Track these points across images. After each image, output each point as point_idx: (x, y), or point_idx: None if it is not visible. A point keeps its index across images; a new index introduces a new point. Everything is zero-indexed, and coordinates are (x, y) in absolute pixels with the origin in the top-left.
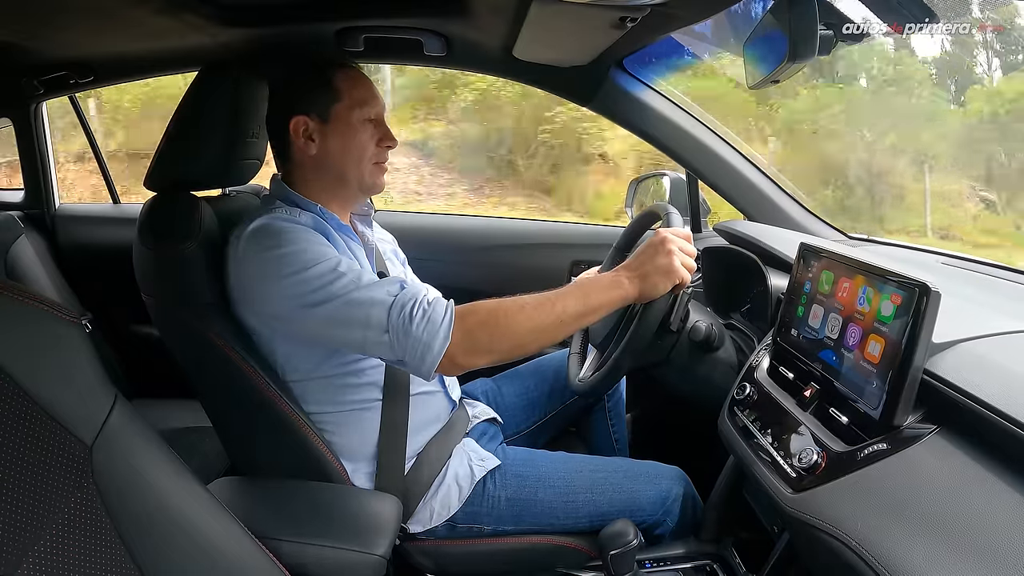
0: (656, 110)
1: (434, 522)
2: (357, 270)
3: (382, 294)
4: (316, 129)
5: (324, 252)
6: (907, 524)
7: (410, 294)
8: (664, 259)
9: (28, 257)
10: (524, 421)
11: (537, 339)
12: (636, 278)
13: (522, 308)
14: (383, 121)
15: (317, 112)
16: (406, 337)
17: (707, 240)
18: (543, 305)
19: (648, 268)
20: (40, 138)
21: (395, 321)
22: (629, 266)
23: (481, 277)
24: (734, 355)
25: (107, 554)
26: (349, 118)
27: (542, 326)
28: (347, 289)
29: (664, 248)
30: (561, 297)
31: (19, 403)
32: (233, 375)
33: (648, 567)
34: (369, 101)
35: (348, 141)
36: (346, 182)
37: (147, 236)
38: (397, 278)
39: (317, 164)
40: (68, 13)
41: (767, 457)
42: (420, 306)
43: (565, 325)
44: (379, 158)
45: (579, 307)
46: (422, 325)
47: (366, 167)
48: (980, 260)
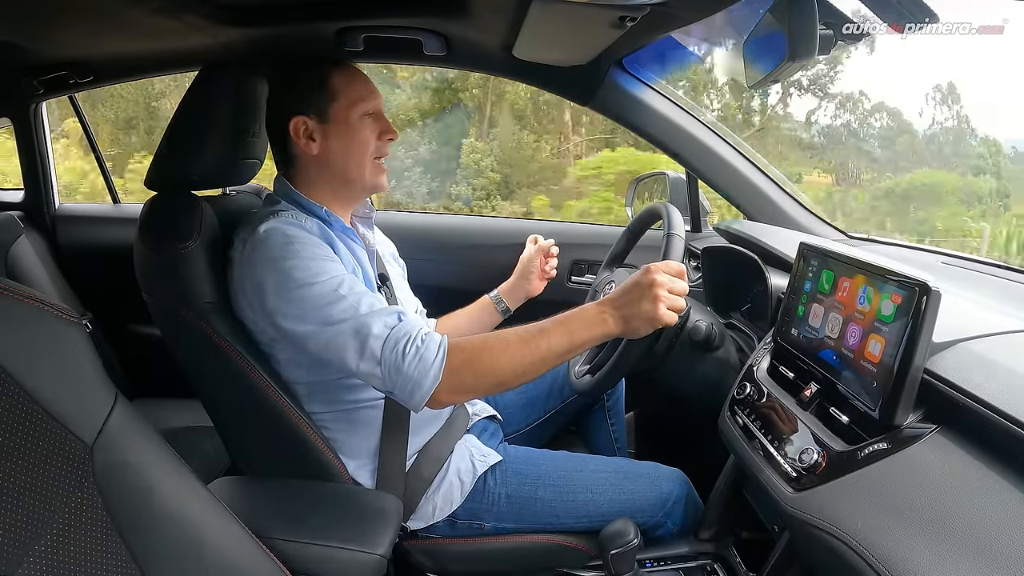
0: (656, 110)
1: (436, 518)
2: (358, 292)
3: (379, 326)
4: (316, 129)
5: (328, 269)
6: (908, 523)
7: (405, 329)
8: (648, 305)
9: (28, 257)
10: (524, 419)
11: (520, 378)
12: (620, 319)
13: (507, 347)
14: (382, 114)
15: (316, 112)
16: (397, 373)
17: (707, 240)
18: (528, 343)
19: (631, 312)
20: (40, 138)
21: (388, 356)
22: (615, 303)
23: (480, 277)
24: (734, 355)
25: (107, 554)
26: (348, 116)
27: (526, 365)
28: (345, 316)
29: (650, 293)
30: (546, 335)
31: (19, 403)
32: (234, 375)
33: (648, 566)
34: (366, 96)
35: (349, 139)
36: (349, 181)
37: (148, 236)
38: (396, 309)
39: (320, 164)
40: (68, 13)
41: (767, 457)
42: (414, 343)
43: (548, 362)
44: (380, 152)
45: (564, 345)
46: (414, 363)
47: (368, 164)
48: (980, 260)
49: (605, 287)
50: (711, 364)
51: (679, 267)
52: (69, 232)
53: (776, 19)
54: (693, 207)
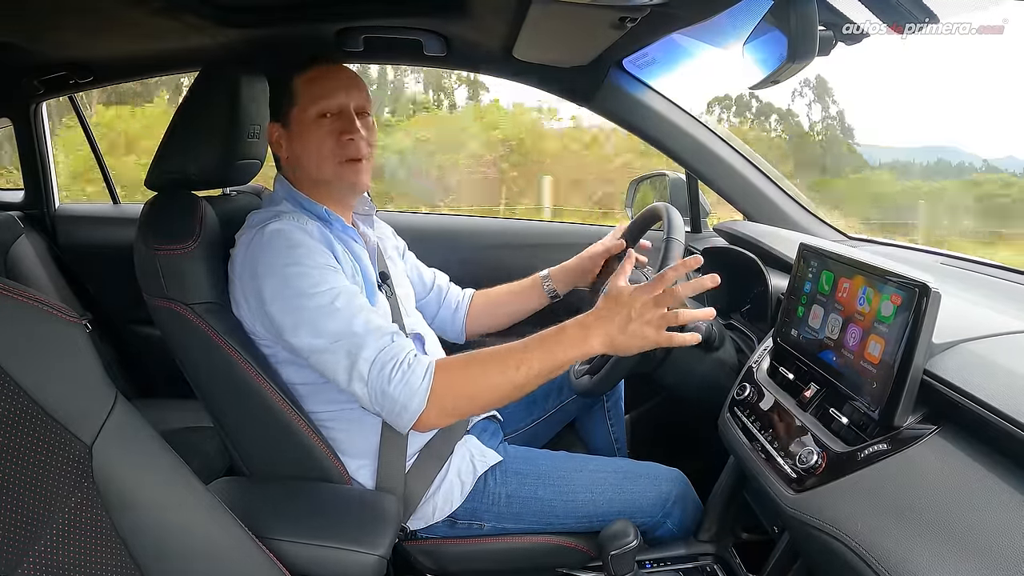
0: (656, 110)
1: (436, 518)
2: (354, 307)
3: (370, 348)
4: (283, 134)
5: (327, 279)
6: (908, 524)
7: (392, 352)
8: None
9: (28, 257)
10: (523, 419)
11: (501, 400)
12: (605, 338)
13: (488, 372)
14: (345, 113)
15: (281, 119)
16: (383, 396)
17: (707, 241)
18: (509, 367)
19: (618, 336)
20: (40, 138)
21: (375, 378)
22: (598, 322)
23: (480, 277)
24: (734, 355)
25: (107, 554)
26: (304, 118)
27: (506, 388)
28: (338, 333)
29: (640, 317)
30: (528, 357)
31: (19, 403)
32: (233, 375)
33: (648, 567)
34: (327, 96)
35: (306, 142)
36: (322, 182)
37: (148, 236)
38: (389, 329)
39: (292, 168)
40: (68, 13)
41: (767, 458)
42: (400, 367)
43: (532, 383)
44: (342, 154)
45: (545, 366)
46: (400, 387)
47: (327, 166)
48: (980, 260)
49: (603, 287)
50: (711, 365)
51: (670, 279)
52: (69, 232)
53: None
54: (693, 208)
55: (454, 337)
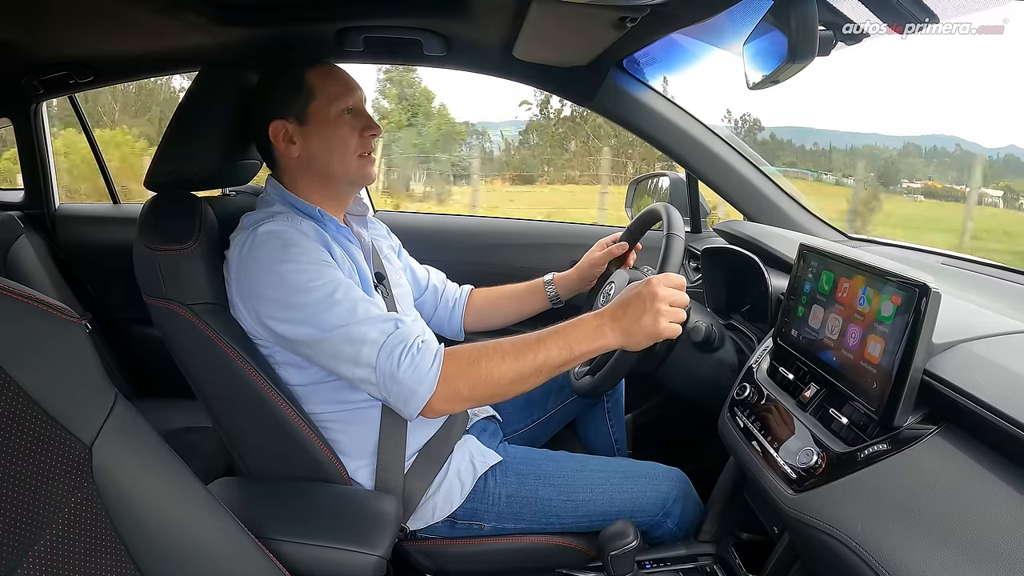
0: (656, 110)
1: (436, 518)
2: (354, 298)
3: (375, 333)
4: (296, 132)
5: (324, 274)
6: (908, 525)
7: (401, 336)
8: (649, 319)
9: (28, 257)
10: (523, 420)
11: (516, 389)
12: (619, 331)
13: (503, 358)
14: (363, 110)
15: (294, 115)
16: (392, 381)
17: (707, 241)
18: (524, 354)
19: (632, 326)
20: (40, 138)
21: (383, 363)
22: (615, 315)
23: (480, 277)
24: (734, 355)
25: (107, 554)
26: (326, 115)
27: (521, 376)
28: (340, 322)
29: (652, 307)
30: (544, 346)
31: (19, 403)
32: (233, 375)
33: (648, 568)
34: (345, 93)
35: (329, 139)
36: (333, 180)
37: (147, 236)
38: (393, 316)
39: (302, 165)
40: (68, 13)
41: (767, 458)
42: (409, 351)
43: (544, 374)
44: (363, 149)
45: (561, 357)
46: (409, 371)
47: (351, 161)
48: (980, 260)
49: (604, 288)
50: (711, 365)
51: (679, 280)
52: (69, 232)
53: (776, 20)
54: (693, 208)
55: (452, 334)
